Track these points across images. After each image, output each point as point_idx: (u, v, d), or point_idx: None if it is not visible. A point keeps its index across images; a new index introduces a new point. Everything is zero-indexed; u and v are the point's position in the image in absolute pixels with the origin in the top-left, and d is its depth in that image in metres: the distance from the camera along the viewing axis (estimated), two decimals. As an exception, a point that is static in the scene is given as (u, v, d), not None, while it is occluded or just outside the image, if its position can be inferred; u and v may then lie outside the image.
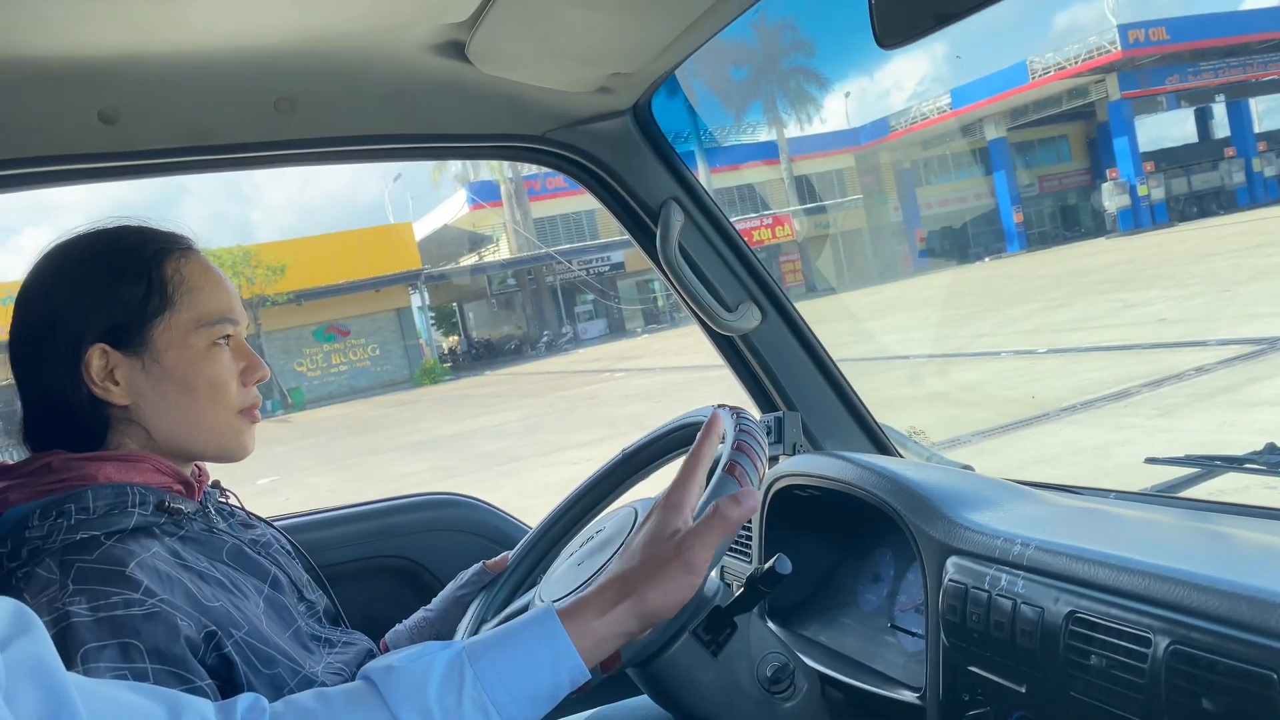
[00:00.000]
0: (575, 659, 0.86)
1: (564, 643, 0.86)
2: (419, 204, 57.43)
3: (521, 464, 10.79)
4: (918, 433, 1.88)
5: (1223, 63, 35.00)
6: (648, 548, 0.92)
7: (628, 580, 0.90)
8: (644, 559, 0.91)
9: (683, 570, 0.90)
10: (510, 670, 0.84)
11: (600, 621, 0.88)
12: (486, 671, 0.83)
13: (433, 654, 0.85)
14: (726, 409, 1.14)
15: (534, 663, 0.85)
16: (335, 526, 1.84)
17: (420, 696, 0.82)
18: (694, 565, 0.90)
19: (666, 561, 0.90)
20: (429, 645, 0.87)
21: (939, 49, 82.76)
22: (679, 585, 0.90)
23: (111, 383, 1.06)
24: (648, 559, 0.91)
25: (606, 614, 0.88)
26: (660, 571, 0.89)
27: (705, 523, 0.92)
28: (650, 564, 0.90)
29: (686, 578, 0.90)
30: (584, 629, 0.87)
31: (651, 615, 0.89)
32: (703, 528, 0.91)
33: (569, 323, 37.38)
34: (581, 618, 0.88)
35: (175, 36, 1.23)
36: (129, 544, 0.98)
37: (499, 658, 0.85)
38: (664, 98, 1.66)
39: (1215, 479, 1.40)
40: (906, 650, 1.35)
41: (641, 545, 0.93)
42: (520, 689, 0.84)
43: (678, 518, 0.93)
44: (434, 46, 1.37)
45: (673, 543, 0.91)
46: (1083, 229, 41.00)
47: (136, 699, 0.75)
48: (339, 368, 32.65)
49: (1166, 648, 0.85)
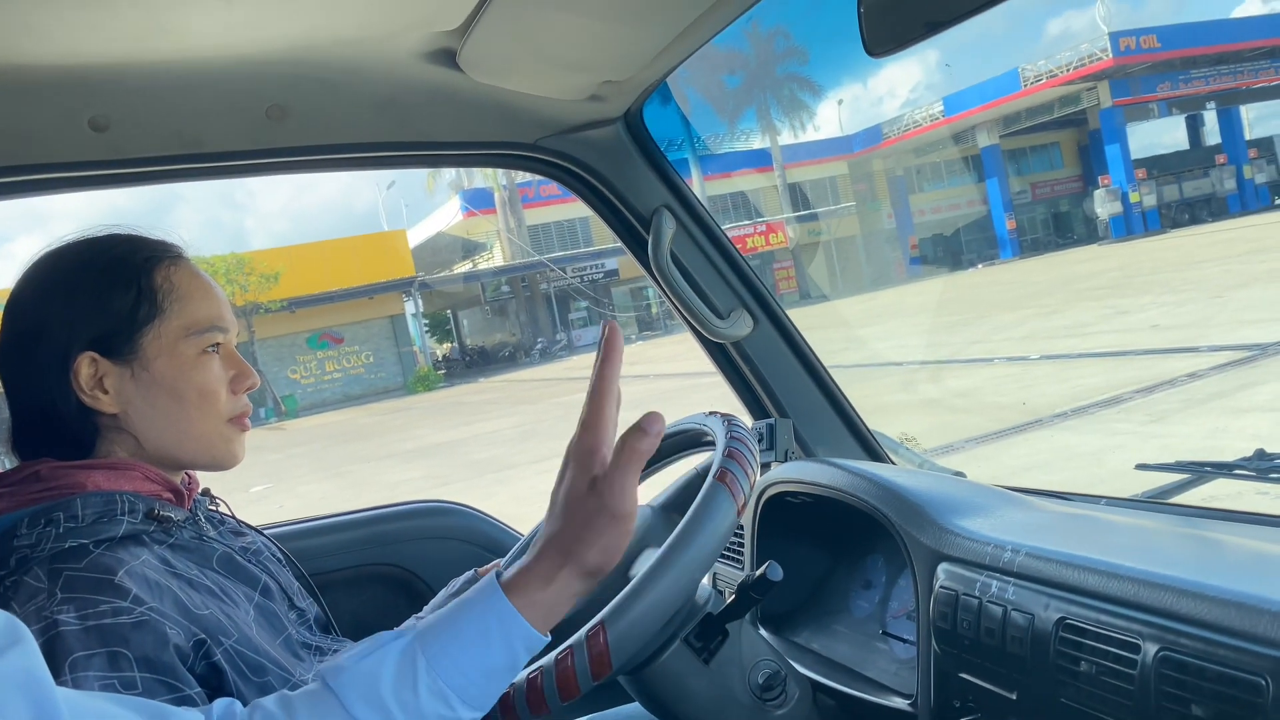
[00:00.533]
0: (528, 631, 0.85)
1: (512, 616, 0.84)
2: (413, 211, 57.60)
3: (516, 471, 10.77)
4: (909, 439, 1.88)
5: (1213, 70, 35.17)
6: (570, 504, 0.89)
7: (562, 542, 0.88)
8: (569, 516, 0.88)
9: (609, 519, 0.87)
10: (462, 653, 0.83)
11: (545, 592, 0.86)
12: (439, 658, 0.83)
13: (385, 645, 0.84)
14: (719, 415, 1.14)
15: (484, 641, 0.84)
16: (328, 534, 1.84)
17: (375, 694, 0.81)
18: (620, 511, 0.87)
19: (592, 514, 0.87)
20: (381, 636, 0.86)
21: (932, 56, 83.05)
22: (613, 535, 0.87)
23: (101, 391, 1.06)
24: (573, 515, 0.88)
25: (551, 583, 0.87)
26: (587, 526, 0.87)
27: (617, 463, 0.88)
28: (577, 521, 0.88)
29: (614, 525, 0.87)
30: (530, 600, 0.86)
31: (596, 571, 0.88)
32: (617, 469, 0.88)
33: (563, 330, 37.37)
34: (526, 591, 0.86)
35: (166, 45, 1.23)
36: (118, 552, 0.98)
37: (448, 641, 0.84)
38: (657, 105, 1.66)
39: (1206, 485, 1.41)
40: (898, 657, 1.35)
41: (564, 502, 0.89)
42: (476, 669, 0.83)
43: (594, 462, 0.89)
44: (425, 55, 1.37)
45: (594, 493, 0.88)
46: (1075, 236, 41.16)
47: (121, 712, 0.75)
48: (333, 375, 32.59)
49: (1156, 654, 0.85)
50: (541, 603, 0.86)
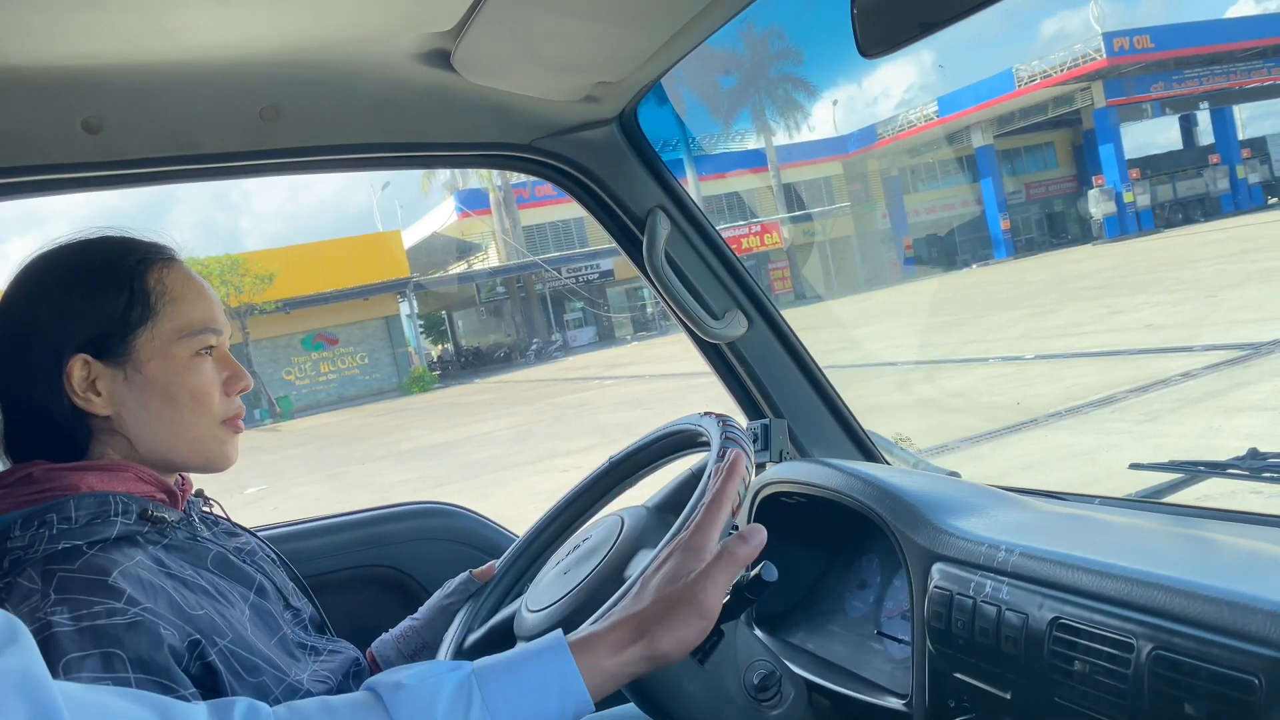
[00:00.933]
0: (583, 694, 0.86)
1: (574, 677, 0.85)
2: (407, 212, 57.56)
3: (511, 472, 10.77)
4: (904, 439, 1.89)
5: (1207, 70, 35.26)
6: (663, 589, 0.91)
7: (641, 621, 0.89)
8: (657, 600, 0.90)
9: (695, 614, 0.89)
10: (518, 698, 0.84)
11: (612, 660, 0.88)
12: (495, 697, 0.83)
13: (441, 674, 0.85)
14: (713, 416, 1.14)
15: (542, 693, 0.85)
16: (323, 536, 1.83)
17: (428, 715, 0.81)
18: (706, 609, 0.90)
19: (679, 604, 0.89)
20: (437, 664, 0.87)
21: (926, 57, 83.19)
22: (691, 629, 0.89)
23: (93, 393, 1.05)
24: (661, 600, 0.90)
25: (619, 654, 0.88)
26: (672, 614, 0.89)
27: (716, 563, 0.91)
28: (663, 606, 0.89)
29: (698, 621, 0.89)
30: (594, 666, 0.87)
31: (661, 658, 0.89)
32: (714, 568, 0.91)
33: (558, 330, 37.37)
34: (594, 654, 0.87)
35: (159, 46, 1.22)
36: (112, 553, 0.98)
37: (507, 684, 0.84)
38: (651, 106, 1.66)
39: (1200, 484, 1.41)
40: (893, 657, 1.35)
41: (657, 586, 0.91)
42: (527, 718, 0.84)
43: (696, 561, 0.92)
44: (419, 56, 1.37)
45: (686, 584, 0.90)
46: (1069, 236, 41.23)
47: (127, 705, 0.75)
48: (327, 376, 32.56)
49: (1150, 653, 0.85)
50: (603, 670, 0.87)
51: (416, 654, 1.35)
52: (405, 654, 1.35)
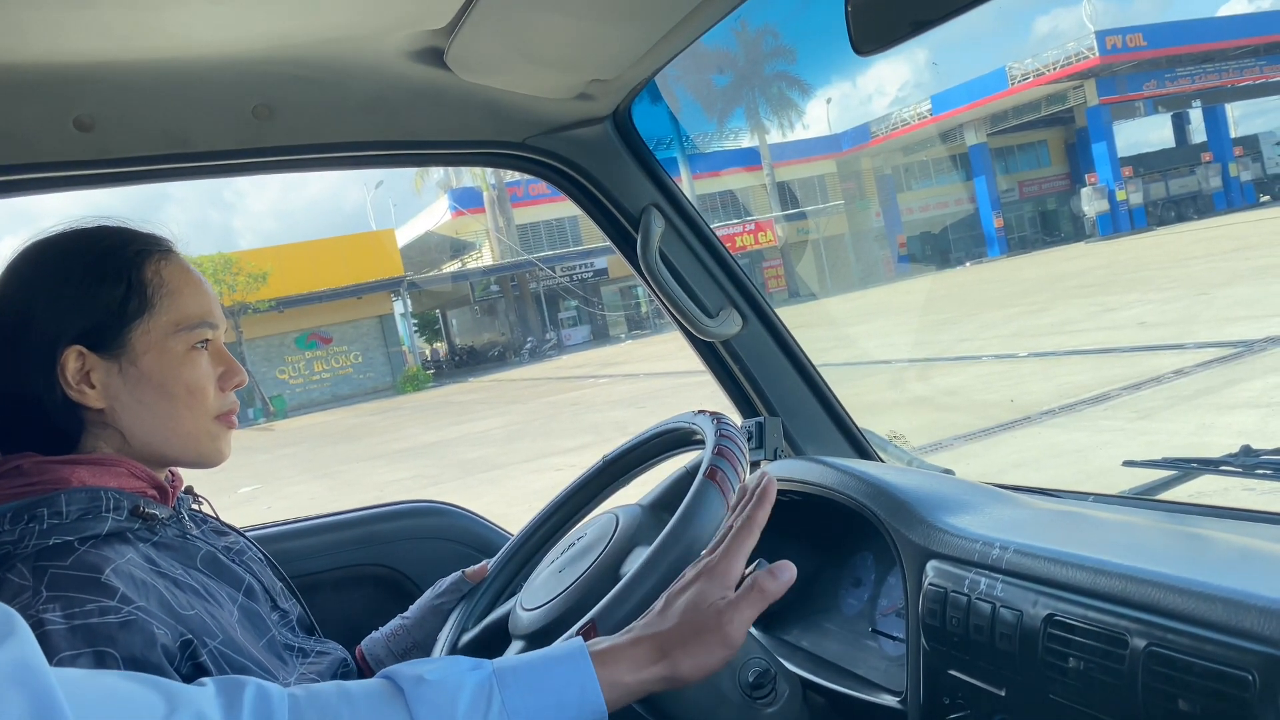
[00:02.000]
0: (600, 707, 0.86)
1: (593, 688, 0.86)
2: (401, 210, 57.47)
3: (505, 471, 10.76)
4: (898, 437, 1.89)
5: (1199, 68, 35.38)
6: (688, 612, 0.91)
7: (665, 642, 0.89)
8: (682, 624, 0.90)
9: (719, 643, 0.89)
10: (537, 704, 0.84)
11: (632, 677, 0.88)
12: (514, 700, 0.83)
13: (463, 672, 0.85)
14: (708, 414, 1.14)
15: (560, 701, 0.85)
16: (316, 535, 1.83)
17: (448, 713, 0.81)
18: (730, 639, 0.90)
19: (705, 630, 0.89)
20: (458, 661, 0.87)
21: (920, 55, 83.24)
22: (714, 658, 0.89)
23: (87, 385, 1.04)
24: (687, 625, 0.90)
25: (639, 671, 0.88)
26: (696, 639, 0.89)
27: (745, 596, 0.91)
28: (689, 631, 0.89)
29: (722, 652, 0.90)
30: (614, 680, 0.87)
31: (680, 681, 0.89)
32: (743, 600, 0.91)
33: (552, 329, 37.34)
34: (615, 668, 0.87)
35: (152, 43, 1.22)
36: (103, 550, 0.97)
37: (528, 688, 0.85)
38: (645, 104, 1.66)
39: (1193, 481, 1.41)
40: (888, 654, 1.35)
41: (683, 609, 0.91)
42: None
43: (723, 588, 0.92)
44: (412, 53, 1.37)
45: (713, 611, 0.90)
46: (1062, 233, 41.34)
47: (134, 688, 0.74)
48: (321, 375, 32.51)
49: (1143, 649, 0.85)
50: (622, 684, 0.87)
51: (407, 653, 1.35)
52: (396, 653, 1.35)
